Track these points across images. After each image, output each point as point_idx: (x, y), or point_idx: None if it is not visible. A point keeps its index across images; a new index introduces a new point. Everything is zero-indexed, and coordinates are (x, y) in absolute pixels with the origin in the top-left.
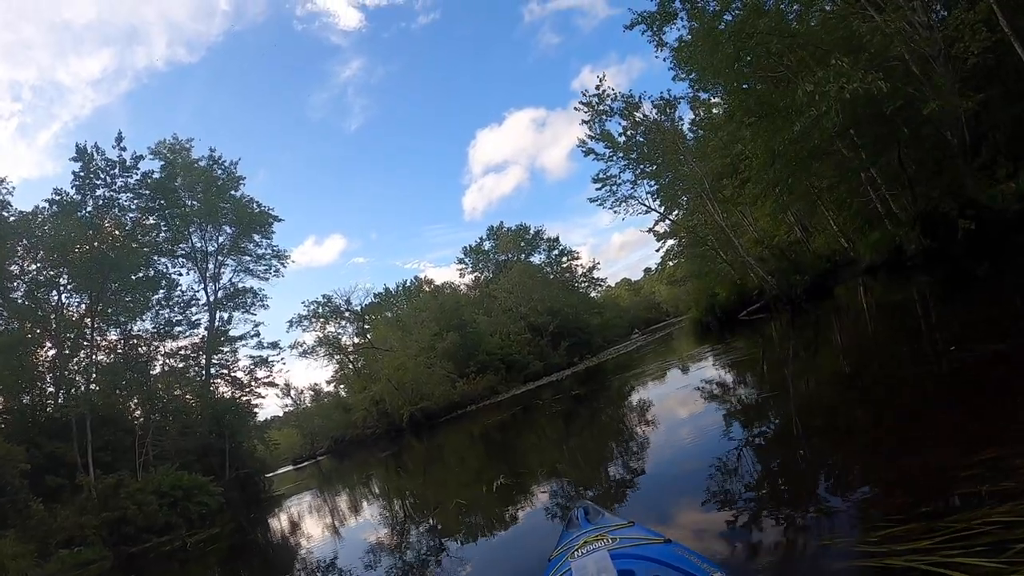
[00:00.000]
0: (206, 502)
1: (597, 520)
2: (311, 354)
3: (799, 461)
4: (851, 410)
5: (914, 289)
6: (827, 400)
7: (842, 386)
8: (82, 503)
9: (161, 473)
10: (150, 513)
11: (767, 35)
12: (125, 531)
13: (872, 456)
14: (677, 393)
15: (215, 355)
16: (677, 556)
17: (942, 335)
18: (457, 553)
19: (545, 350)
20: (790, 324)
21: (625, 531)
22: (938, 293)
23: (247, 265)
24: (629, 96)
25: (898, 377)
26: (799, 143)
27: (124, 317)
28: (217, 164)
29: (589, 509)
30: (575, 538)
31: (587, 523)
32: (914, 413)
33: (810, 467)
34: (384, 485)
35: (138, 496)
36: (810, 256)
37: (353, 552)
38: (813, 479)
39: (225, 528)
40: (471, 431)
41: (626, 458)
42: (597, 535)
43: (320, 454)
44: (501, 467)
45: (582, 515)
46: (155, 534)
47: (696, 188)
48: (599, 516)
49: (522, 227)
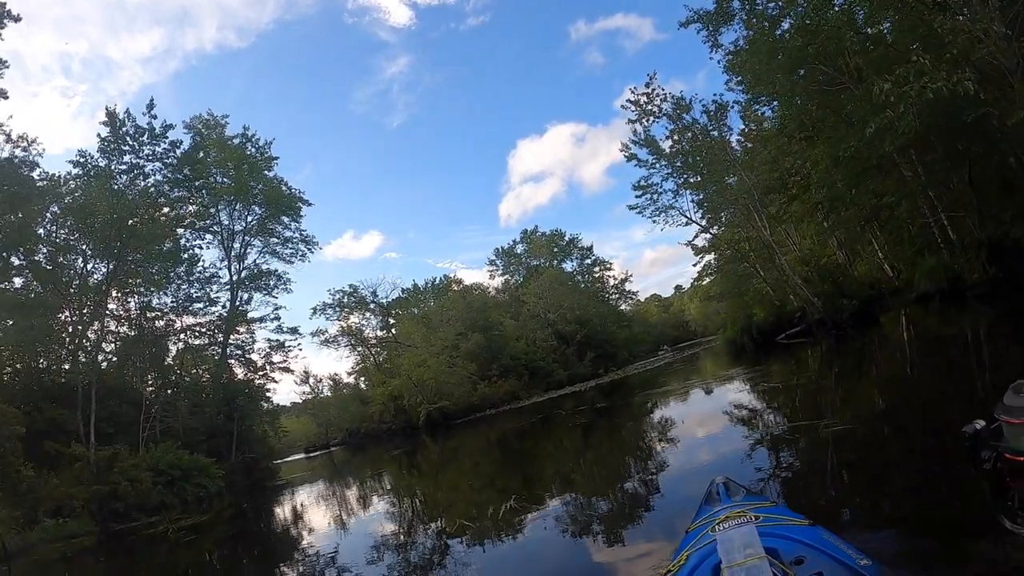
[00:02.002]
0: (205, 484)
1: (738, 496)
2: (332, 343)
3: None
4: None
5: (974, 321)
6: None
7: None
8: (76, 473)
9: (161, 450)
10: (143, 491)
11: (837, 29)
12: (115, 507)
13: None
14: (705, 417)
15: (232, 336)
16: (823, 540)
17: (999, 377)
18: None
19: (570, 359)
20: (835, 351)
21: (769, 510)
22: (1001, 328)
23: (274, 247)
24: (680, 98)
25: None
26: (867, 150)
27: (145, 288)
28: (251, 142)
29: (730, 485)
30: (716, 512)
31: (728, 498)
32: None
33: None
34: (392, 485)
35: (132, 472)
36: (854, 282)
37: (344, 557)
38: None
39: (224, 513)
40: (488, 436)
41: (644, 478)
42: (740, 511)
43: (334, 444)
44: (515, 481)
45: (723, 490)
46: (147, 513)
47: (743, 200)
48: (740, 492)
49: (556, 232)
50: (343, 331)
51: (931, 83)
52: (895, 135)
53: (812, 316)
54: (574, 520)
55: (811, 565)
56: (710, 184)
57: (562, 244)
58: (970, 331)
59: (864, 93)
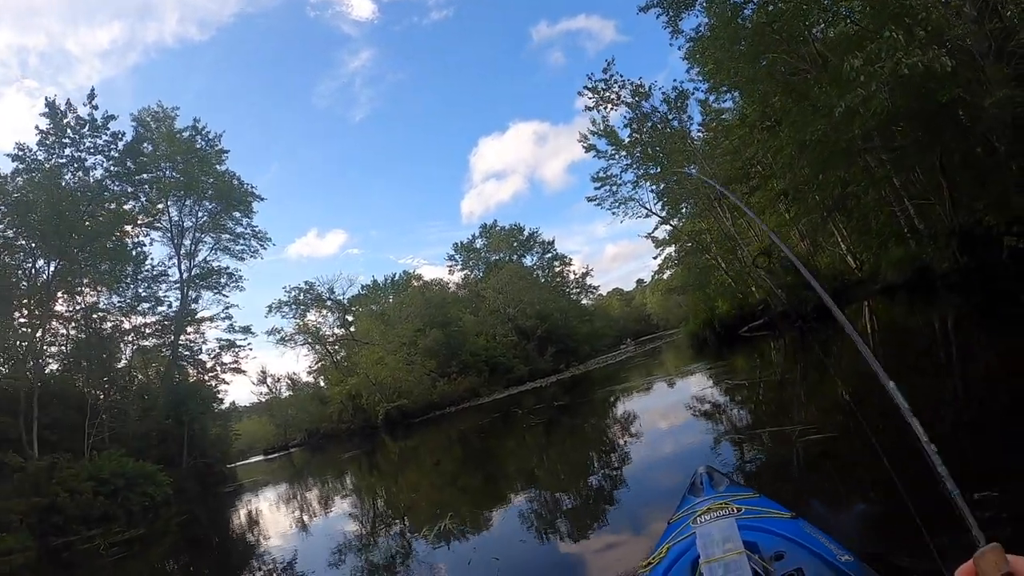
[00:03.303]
0: (151, 493)
1: (721, 487)
2: (289, 342)
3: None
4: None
5: (943, 312)
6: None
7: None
8: (17, 484)
9: (104, 458)
10: (83, 502)
11: (801, 5)
12: (55, 520)
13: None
14: (668, 413)
15: (183, 336)
16: (805, 534)
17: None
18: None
19: (531, 355)
20: (799, 344)
21: (751, 502)
22: (973, 319)
23: (225, 243)
24: (639, 85)
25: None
26: (835, 134)
27: (92, 288)
28: (200, 135)
29: (713, 475)
30: (698, 503)
31: (711, 489)
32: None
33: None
34: (350, 487)
35: (71, 482)
36: (818, 273)
37: (301, 563)
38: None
39: (171, 523)
40: (448, 434)
41: (609, 474)
42: (722, 503)
43: (293, 446)
44: (476, 480)
45: (706, 480)
46: (88, 526)
47: (704, 189)
48: (724, 483)
49: (516, 227)
50: (299, 329)
51: (906, 58)
52: (865, 116)
53: (776, 308)
54: (539, 516)
55: (791, 560)
56: (671, 176)
57: (522, 239)
58: (938, 322)
59: (833, 72)
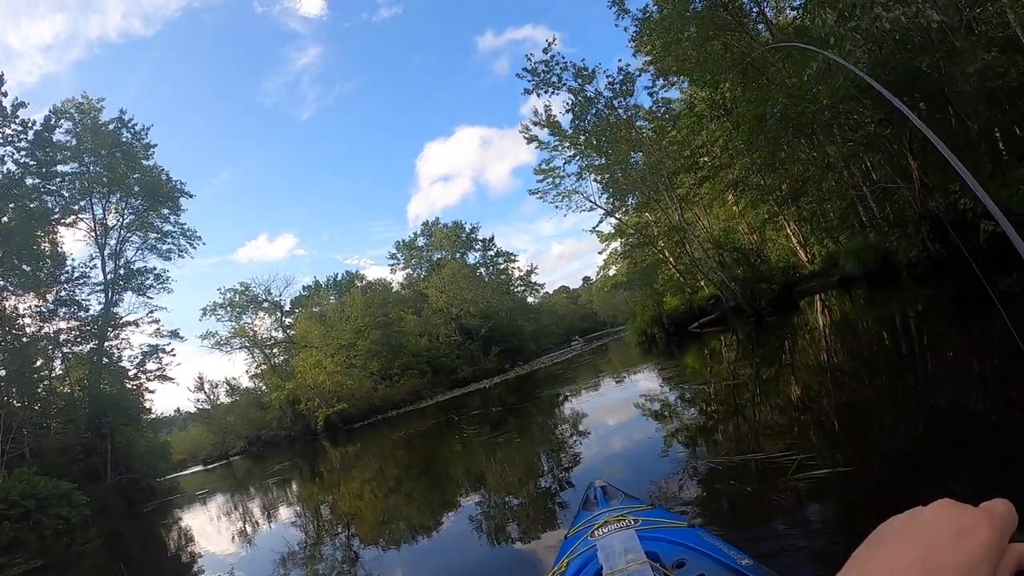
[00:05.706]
0: (65, 515)
1: (616, 500)
2: (224, 346)
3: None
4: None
5: (909, 302)
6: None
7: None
8: None
9: (13, 478)
10: None
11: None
12: None
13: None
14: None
15: (107, 342)
16: (703, 541)
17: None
18: None
19: (475, 355)
20: (754, 340)
21: (648, 513)
22: (947, 310)
23: (152, 242)
24: (583, 67)
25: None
26: (798, 106)
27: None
28: (126, 127)
29: (608, 489)
30: (595, 517)
31: (606, 503)
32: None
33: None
34: (290, 496)
35: None
36: (771, 266)
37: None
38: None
39: (88, 547)
40: (391, 439)
41: (537, 480)
42: (619, 515)
43: (233, 454)
44: (421, 484)
45: (600, 494)
46: None
47: (651, 178)
48: (619, 496)
49: (458, 224)
50: (235, 332)
51: (887, 11)
52: (836, 83)
53: (728, 302)
54: (473, 522)
55: (692, 567)
56: (616, 167)
57: (463, 236)
58: (899, 314)
59: (798, 29)
